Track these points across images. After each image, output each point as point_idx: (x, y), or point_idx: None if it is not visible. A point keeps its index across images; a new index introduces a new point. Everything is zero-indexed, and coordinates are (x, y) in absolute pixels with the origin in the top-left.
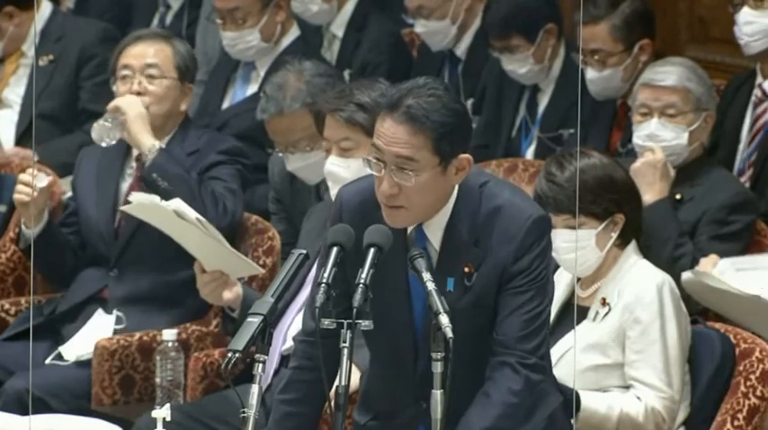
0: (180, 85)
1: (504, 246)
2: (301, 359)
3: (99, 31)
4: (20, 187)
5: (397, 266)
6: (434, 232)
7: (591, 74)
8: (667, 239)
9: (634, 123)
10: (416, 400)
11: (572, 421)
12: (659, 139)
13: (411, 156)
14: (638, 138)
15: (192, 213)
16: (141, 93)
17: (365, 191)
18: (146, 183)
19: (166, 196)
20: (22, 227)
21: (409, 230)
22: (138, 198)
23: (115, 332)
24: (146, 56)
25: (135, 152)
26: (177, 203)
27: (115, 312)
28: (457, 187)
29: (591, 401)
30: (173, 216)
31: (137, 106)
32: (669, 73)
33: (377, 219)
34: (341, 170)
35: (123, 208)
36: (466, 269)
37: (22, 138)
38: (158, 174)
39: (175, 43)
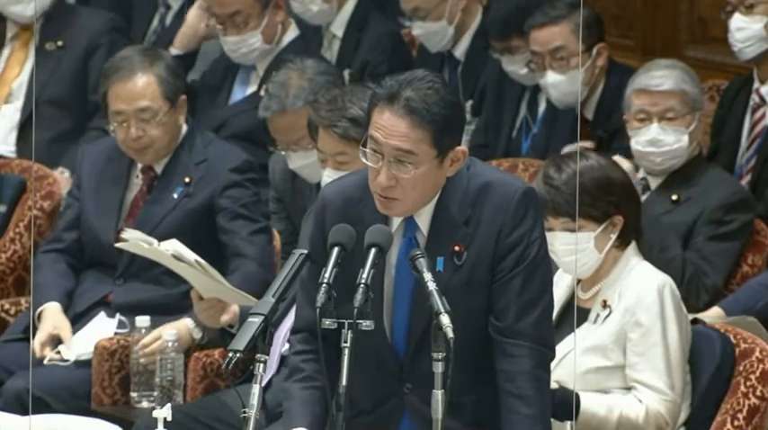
0: (173, 109)
1: (496, 220)
2: (302, 344)
3: (107, 21)
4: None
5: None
6: (424, 219)
7: (553, 77)
8: (651, 247)
9: (632, 129)
10: (399, 389)
11: (572, 423)
12: (661, 144)
13: (411, 150)
14: (638, 143)
15: (190, 256)
16: (141, 137)
17: (347, 188)
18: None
19: None
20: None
21: (394, 227)
22: (134, 236)
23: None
24: (135, 98)
25: (139, 164)
26: (175, 246)
27: (118, 316)
28: None
29: (590, 404)
30: (171, 257)
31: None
32: (665, 77)
33: (360, 216)
34: None
35: (118, 245)
36: (456, 248)
37: (26, 125)
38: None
39: (157, 70)
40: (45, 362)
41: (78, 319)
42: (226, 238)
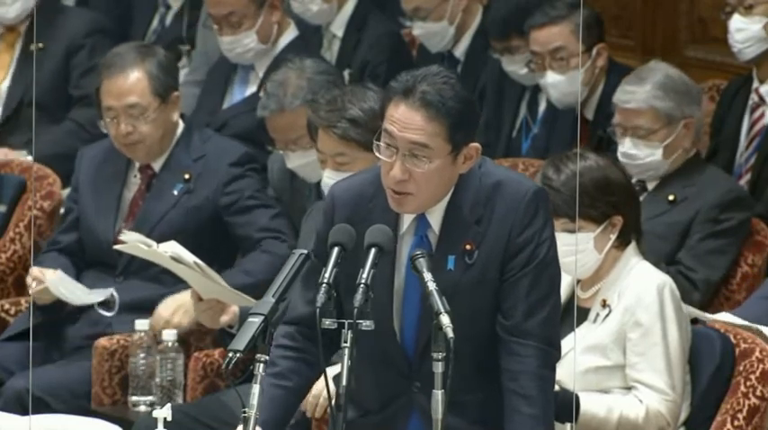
0: (165, 106)
1: (507, 219)
2: (285, 339)
3: (87, 22)
4: (31, 281)
5: (383, 262)
6: (435, 217)
7: (553, 77)
8: None
9: (617, 137)
10: (408, 388)
11: (572, 425)
12: (634, 158)
13: (426, 143)
14: (618, 153)
15: (189, 257)
16: (131, 132)
17: (357, 186)
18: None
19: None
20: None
21: (405, 226)
22: (133, 238)
23: (108, 328)
24: (124, 95)
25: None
26: (174, 248)
27: (112, 291)
28: None
29: (590, 405)
30: (170, 259)
31: (184, 313)
32: (634, 93)
33: (369, 213)
34: None
35: (118, 247)
36: (467, 247)
37: (7, 124)
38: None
39: (148, 66)
40: (32, 290)
41: (77, 317)
42: (243, 232)
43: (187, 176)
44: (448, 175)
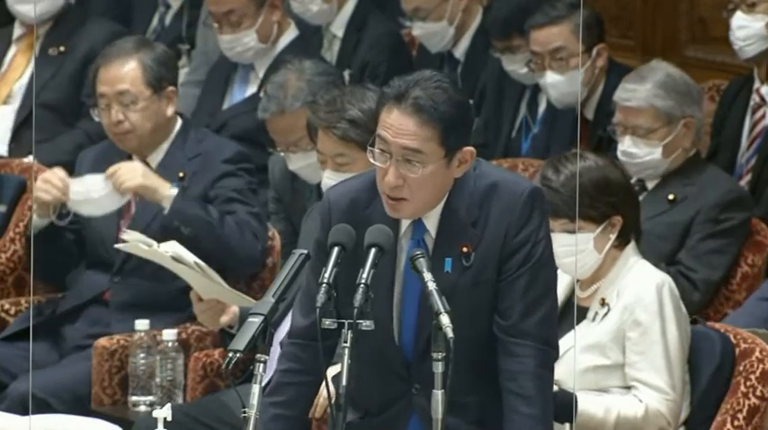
0: (157, 98)
1: (503, 220)
2: (289, 362)
3: (109, 32)
4: (42, 185)
5: (383, 264)
6: (432, 221)
7: (552, 77)
8: None
9: (617, 136)
10: (407, 390)
11: (571, 425)
12: (633, 156)
13: (419, 149)
14: (618, 152)
15: (190, 257)
16: (121, 121)
17: (353, 190)
18: (167, 229)
19: (189, 241)
20: (34, 215)
21: (403, 229)
22: (134, 237)
23: (107, 327)
24: (116, 82)
25: (135, 158)
26: (175, 247)
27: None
28: None
29: (588, 405)
30: (171, 259)
31: (135, 171)
32: (635, 92)
33: (366, 218)
34: None
35: (118, 246)
36: (464, 249)
37: (21, 128)
38: (180, 221)
39: (143, 56)
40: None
41: (75, 315)
42: None
43: (182, 175)
44: (442, 180)
